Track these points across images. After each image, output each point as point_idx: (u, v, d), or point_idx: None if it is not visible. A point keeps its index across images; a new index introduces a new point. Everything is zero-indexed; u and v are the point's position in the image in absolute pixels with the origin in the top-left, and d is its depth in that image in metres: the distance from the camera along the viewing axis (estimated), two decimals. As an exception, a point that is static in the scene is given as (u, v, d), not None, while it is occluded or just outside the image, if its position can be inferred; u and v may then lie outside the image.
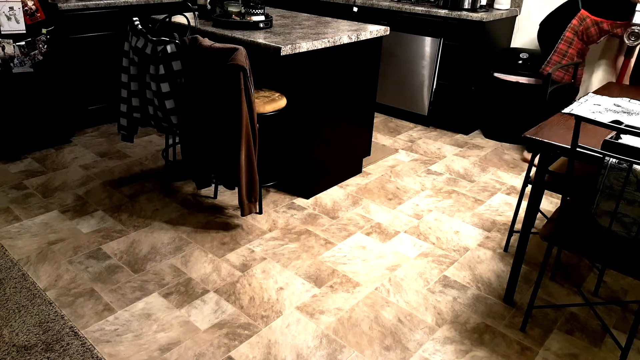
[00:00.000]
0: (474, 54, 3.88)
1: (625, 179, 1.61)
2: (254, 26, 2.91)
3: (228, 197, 3.04)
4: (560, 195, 2.71)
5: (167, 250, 2.52)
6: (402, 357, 1.94)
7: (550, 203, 3.15)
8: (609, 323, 2.15)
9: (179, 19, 3.16)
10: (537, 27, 4.10)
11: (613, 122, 1.67)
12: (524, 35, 4.19)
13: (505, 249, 2.64)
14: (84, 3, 3.65)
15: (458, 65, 3.99)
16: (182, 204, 2.94)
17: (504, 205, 3.09)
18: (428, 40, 4.05)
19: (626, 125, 1.63)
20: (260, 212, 2.89)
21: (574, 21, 3.22)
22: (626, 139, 1.76)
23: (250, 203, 2.59)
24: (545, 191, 3.26)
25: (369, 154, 3.55)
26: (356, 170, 3.41)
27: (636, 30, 3.05)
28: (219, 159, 2.60)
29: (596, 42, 3.35)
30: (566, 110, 2.23)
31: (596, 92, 2.52)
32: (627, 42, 3.11)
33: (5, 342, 1.91)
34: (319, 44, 2.68)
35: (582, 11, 3.23)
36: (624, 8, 3.18)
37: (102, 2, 3.75)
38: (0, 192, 2.99)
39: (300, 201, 3.04)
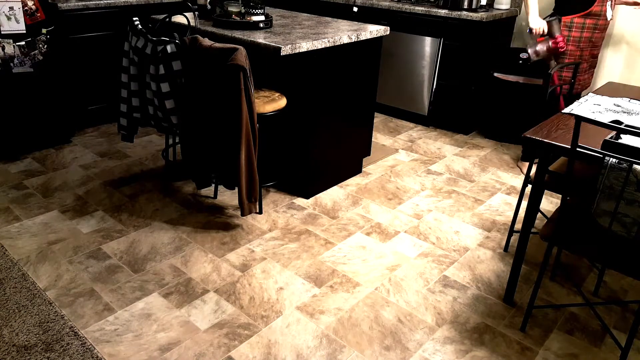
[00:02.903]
0: (474, 54, 3.88)
1: (625, 179, 1.61)
2: (254, 26, 2.91)
3: (228, 197, 3.04)
4: (560, 195, 2.71)
5: (167, 250, 2.52)
6: (402, 357, 1.94)
7: (550, 203, 3.15)
8: (609, 323, 2.15)
9: (179, 19, 3.16)
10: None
11: (613, 122, 1.67)
12: (524, 35, 4.19)
13: (505, 249, 2.64)
14: (84, 3, 3.65)
15: (458, 65, 3.99)
16: (182, 204, 2.94)
17: (504, 205, 3.09)
18: (428, 40, 4.05)
19: (626, 125, 1.63)
20: (260, 212, 2.89)
21: None
22: (626, 139, 1.76)
23: (250, 203, 2.59)
24: (545, 191, 3.26)
25: (369, 154, 3.55)
26: (356, 170, 3.41)
27: None
28: (219, 159, 2.60)
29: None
30: (566, 110, 2.23)
31: (596, 92, 2.52)
32: None
33: (5, 342, 1.91)
34: (319, 44, 2.68)
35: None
36: None
37: (102, 2, 3.75)
38: (0, 192, 2.99)
39: (300, 201, 3.04)
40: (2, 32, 3.15)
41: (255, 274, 2.37)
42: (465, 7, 3.91)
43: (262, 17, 2.94)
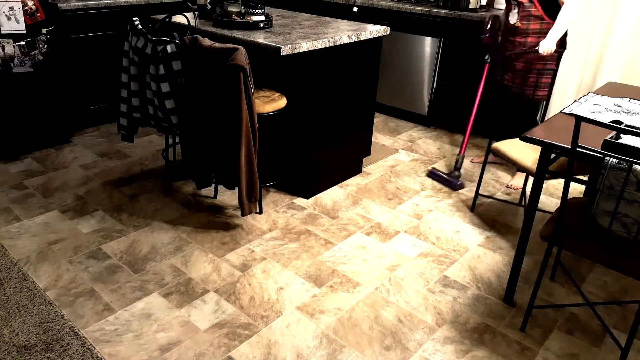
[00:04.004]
0: (474, 54, 3.88)
1: (625, 179, 1.61)
2: (254, 26, 2.91)
3: (228, 197, 3.04)
4: (561, 195, 2.71)
5: (167, 250, 2.52)
6: (402, 357, 1.94)
7: (550, 203, 3.15)
8: (609, 323, 2.15)
9: (179, 19, 3.16)
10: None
11: (613, 122, 1.67)
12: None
13: (472, 208, 2.96)
14: (84, 3, 3.65)
15: (458, 65, 3.99)
16: (182, 204, 2.94)
17: (504, 205, 3.09)
18: (428, 40, 4.05)
19: (626, 125, 1.63)
20: (260, 212, 2.89)
21: None
22: (626, 139, 1.76)
23: (250, 203, 2.59)
24: (545, 191, 3.26)
25: (369, 154, 3.55)
26: (356, 170, 3.41)
27: None
28: (219, 159, 2.60)
29: None
30: (566, 110, 2.23)
31: (596, 92, 2.52)
32: None
33: (5, 342, 1.91)
34: (319, 44, 2.68)
35: None
36: None
37: (102, 2, 3.75)
38: (0, 192, 2.99)
39: (300, 201, 3.04)
40: (2, 32, 3.15)
41: (255, 274, 2.37)
42: (466, 7, 3.91)
43: (262, 17, 2.95)
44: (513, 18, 3.08)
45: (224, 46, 2.37)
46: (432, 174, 3.39)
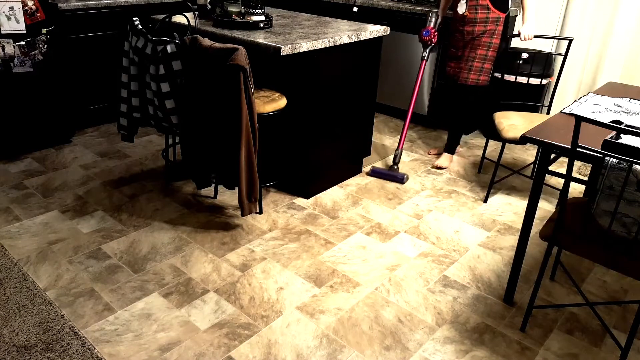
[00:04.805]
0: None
1: (625, 179, 1.61)
2: (254, 26, 2.91)
3: (228, 197, 3.04)
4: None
5: (167, 250, 2.52)
6: (402, 357, 1.94)
7: (550, 203, 3.15)
8: (609, 323, 2.15)
9: (179, 19, 3.16)
10: (536, 27, 4.09)
11: (613, 122, 1.67)
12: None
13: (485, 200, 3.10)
14: (84, 3, 3.65)
15: (458, 65, 3.98)
16: (182, 204, 2.94)
17: (504, 205, 3.09)
18: (428, 40, 4.04)
19: (626, 125, 1.63)
20: (260, 212, 2.89)
21: None
22: (626, 139, 1.76)
23: (250, 203, 2.59)
24: (545, 191, 3.26)
25: (369, 154, 3.55)
26: (356, 170, 3.41)
27: None
28: (219, 159, 2.60)
29: None
30: (566, 110, 2.23)
31: (596, 92, 2.52)
32: None
33: (5, 342, 1.91)
34: (319, 44, 2.68)
35: None
36: None
37: (102, 2, 3.75)
38: (0, 192, 2.99)
39: (300, 201, 3.04)
40: (2, 32, 3.15)
41: (255, 274, 2.37)
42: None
43: (262, 17, 2.95)
44: (462, 8, 3.26)
45: (224, 46, 2.37)
46: (374, 173, 3.38)
